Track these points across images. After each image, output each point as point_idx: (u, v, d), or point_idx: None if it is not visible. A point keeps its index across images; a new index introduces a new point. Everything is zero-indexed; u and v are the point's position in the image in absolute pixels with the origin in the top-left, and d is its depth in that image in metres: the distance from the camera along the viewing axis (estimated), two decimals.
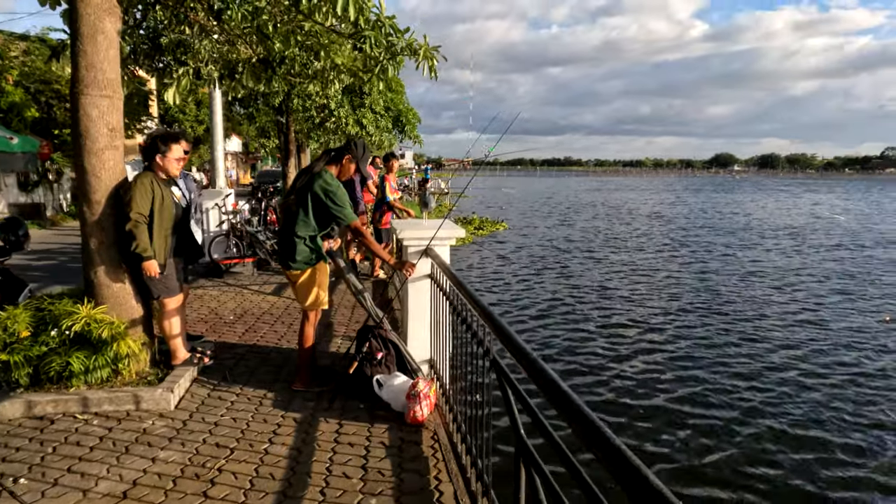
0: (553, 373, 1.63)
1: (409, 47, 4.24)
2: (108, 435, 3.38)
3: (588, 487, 1.40)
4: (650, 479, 1.06)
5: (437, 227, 4.13)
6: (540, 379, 1.65)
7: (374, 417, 3.72)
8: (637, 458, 1.15)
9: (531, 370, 1.73)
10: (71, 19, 3.82)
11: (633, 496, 1.08)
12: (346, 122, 12.44)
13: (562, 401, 1.48)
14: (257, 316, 6.15)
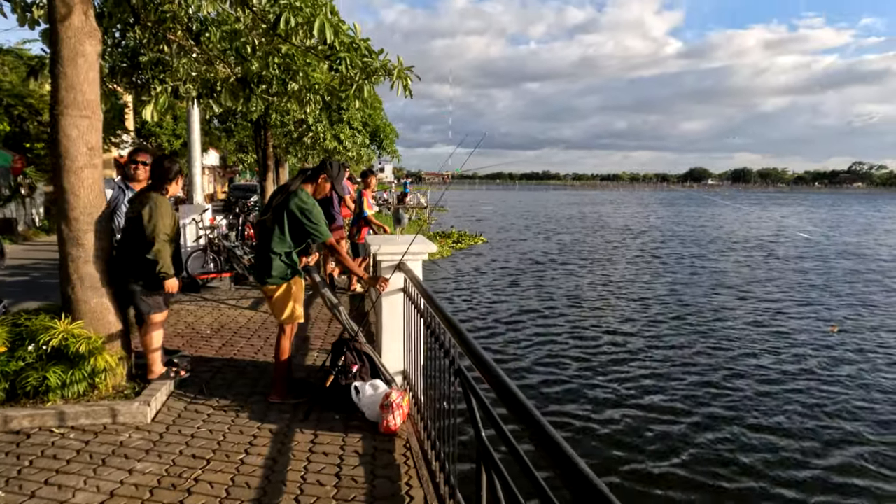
0: (507, 378, 1.79)
1: (383, 68, 4.41)
2: (84, 448, 3.44)
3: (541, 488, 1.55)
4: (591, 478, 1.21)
5: (406, 243, 4.29)
6: (495, 384, 1.81)
7: (348, 428, 3.83)
8: (582, 460, 1.31)
9: (488, 376, 1.88)
10: (52, 42, 3.91)
11: (574, 494, 1.23)
12: (324, 137, 12.56)
13: (511, 401, 1.64)
14: (234, 330, 6.21)
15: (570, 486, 1.24)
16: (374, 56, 4.38)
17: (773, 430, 6.38)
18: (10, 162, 16.12)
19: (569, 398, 7.16)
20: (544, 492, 1.53)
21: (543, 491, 1.53)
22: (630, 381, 7.78)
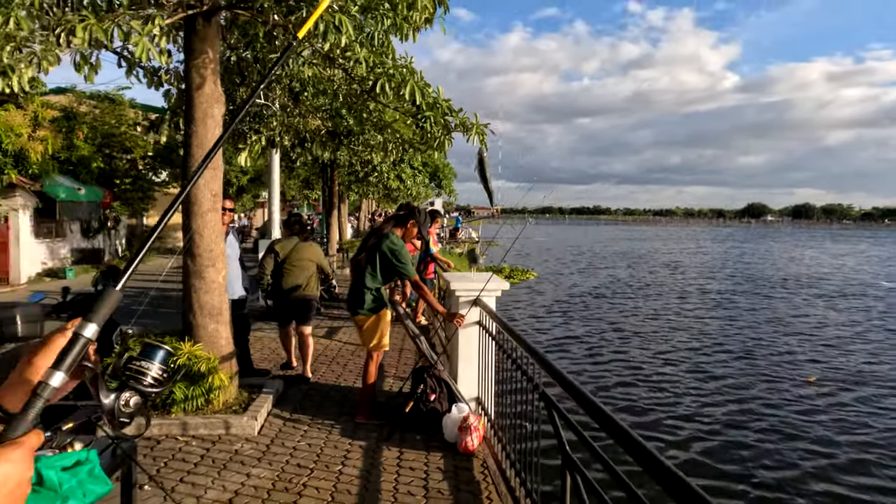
0: (592, 396, 2.19)
1: (462, 124, 4.95)
2: (207, 454, 3.98)
3: (626, 486, 1.93)
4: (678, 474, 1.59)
5: (484, 280, 4.74)
6: (586, 405, 2.20)
7: (429, 447, 4.25)
8: (665, 459, 1.70)
9: (578, 398, 2.28)
10: (186, 105, 4.63)
11: (667, 489, 1.61)
12: (388, 176, 13.32)
13: (605, 421, 2.03)
14: (314, 357, 6.75)
15: (660, 482, 1.63)
16: (455, 114, 4.93)
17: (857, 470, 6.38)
18: (101, 197, 17.64)
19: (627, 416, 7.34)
20: (628, 488, 1.91)
21: (627, 488, 1.91)
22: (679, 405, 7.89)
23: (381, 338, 4.59)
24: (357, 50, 4.50)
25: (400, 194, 15.53)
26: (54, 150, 15.05)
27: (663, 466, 1.62)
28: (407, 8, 4.27)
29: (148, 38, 3.50)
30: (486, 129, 5.00)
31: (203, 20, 4.39)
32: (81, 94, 18.27)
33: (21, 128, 13.59)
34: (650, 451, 1.72)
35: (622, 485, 1.95)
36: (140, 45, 3.41)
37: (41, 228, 15.86)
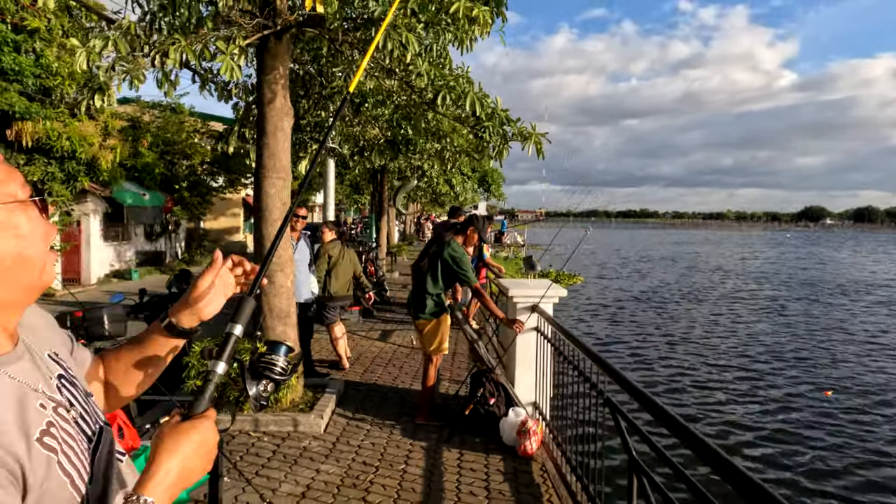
0: (657, 399, 2.26)
1: (520, 133, 5.05)
2: (278, 450, 4.20)
3: (693, 487, 2.00)
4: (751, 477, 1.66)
5: (541, 287, 4.83)
6: (656, 412, 2.27)
7: (488, 450, 4.35)
8: (738, 461, 1.76)
9: (648, 406, 2.35)
10: (258, 119, 4.89)
11: (738, 490, 1.68)
12: (437, 182, 13.50)
13: (676, 427, 2.10)
14: (370, 359, 6.97)
15: (733, 484, 1.69)
16: (513, 123, 5.03)
17: None
18: (163, 202, 18.49)
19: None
20: (696, 489, 1.97)
21: (695, 489, 1.98)
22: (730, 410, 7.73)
23: (441, 342, 4.73)
24: (419, 63, 4.66)
25: (448, 199, 15.69)
26: (122, 157, 15.89)
27: (741, 474, 1.68)
28: (468, 22, 4.40)
29: (230, 58, 3.75)
30: (544, 137, 5.07)
31: (275, 38, 4.63)
32: (146, 104, 19.22)
33: (93, 137, 14.41)
34: (725, 458, 1.78)
35: (691, 487, 2.02)
36: (225, 64, 3.66)
37: (109, 232, 16.76)
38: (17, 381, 0.80)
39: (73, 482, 0.80)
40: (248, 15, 4.36)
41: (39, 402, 0.81)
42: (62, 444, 0.80)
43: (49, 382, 0.87)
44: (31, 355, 0.87)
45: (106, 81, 3.97)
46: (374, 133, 6.55)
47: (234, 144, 6.41)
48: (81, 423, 0.89)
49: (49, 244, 0.86)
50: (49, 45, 13.16)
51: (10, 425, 0.74)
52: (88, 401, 0.95)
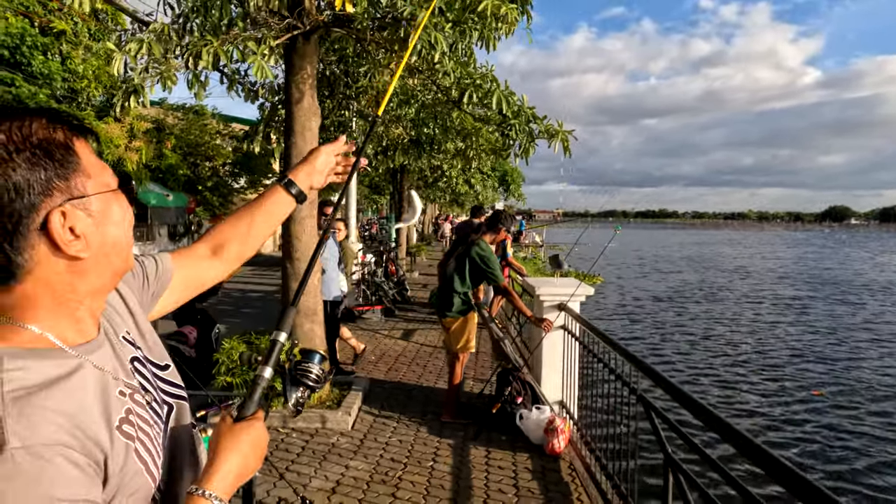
0: (692, 394, 2.24)
1: (546, 131, 5.03)
2: (307, 446, 4.24)
3: (732, 481, 1.98)
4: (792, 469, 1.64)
5: (567, 285, 4.82)
6: (691, 406, 2.26)
7: (516, 448, 4.34)
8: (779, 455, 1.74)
9: (682, 400, 2.33)
10: (286, 118, 4.94)
11: (784, 484, 1.66)
12: (457, 181, 13.51)
13: (712, 420, 2.08)
14: (394, 357, 7.00)
15: (776, 477, 1.67)
16: (539, 121, 5.02)
17: None
18: (187, 203, 18.76)
19: None
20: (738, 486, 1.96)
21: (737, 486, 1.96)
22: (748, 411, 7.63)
23: (468, 340, 4.74)
24: (445, 62, 4.67)
25: (467, 199, 15.68)
26: (146, 159, 16.16)
27: (786, 468, 1.67)
28: (495, 20, 4.40)
29: (261, 58, 3.79)
30: (571, 135, 5.05)
31: (303, 39, 4.68)
32: (170, 107, 19.51)
33: (119, 139, 14.68)
34: (768, 452, 1.77)
35: (730, 482, 2.00)
36: (257, 65, 3.71)
37: (134, 232, 16.88)
38: (102, 370, 0.83)
39: (148, 468, 0.83)
40: (278, 16, 4.41)
41: (119, 390, 0.84)
42: (138, 430, 0.83)
43: (126, 368, 0.90)
44: (110, 341, 0.90)
45: (140, 84, 4.04)
46: (398, 132, 6.58)
47: (259, 145, 6.47)
48: (155, 405, 0.92)
49: (132, 231, 0.90)
50: (76, 48, 13.43)
51: (96, 415, 0.77)
52: (158, 376, 0.99)
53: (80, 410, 0.76)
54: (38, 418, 0.70)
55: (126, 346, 0.94)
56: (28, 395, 0.72)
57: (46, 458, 0.69)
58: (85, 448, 0.73)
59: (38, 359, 0.76)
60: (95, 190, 0.81)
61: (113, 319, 0.96)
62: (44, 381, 0.74)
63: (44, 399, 0.72)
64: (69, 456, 0.71)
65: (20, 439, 0.68)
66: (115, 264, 0.86)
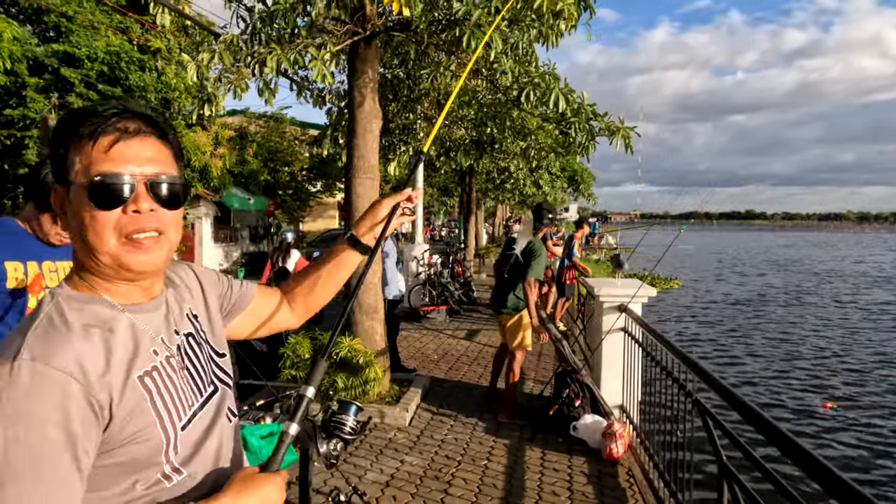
0: (760, 409, 2.12)
1: (607, 128, 4.92)
2: (364, 439, 4.35)
3: (790, 495, 1.86)
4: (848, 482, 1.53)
5: (628, 286, 4.69)
6: (747, 414, 2.14)
7: (572, 451, 4.27)
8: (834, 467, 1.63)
9: (739, 407, 2.22)
10: (348, 122, 5.10)
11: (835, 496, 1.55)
12: (524, 182, 13.41)
13: (766, 427, 1.97)
14: (456, 357, 7.05)
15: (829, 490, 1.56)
16: (600, 118, 4.92)
17: None
18: (266, 206, 19.70)
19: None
20: (792, 497, 1.84)
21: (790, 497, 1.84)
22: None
23: (524, 338, 4.71)
24: (503, 61, 4.67)
25: (535, 200, 15.53)
26: (230, 165, 17.13)
27: (839, 479, 1.55)
28: (553, 17, 4.35)
29: (322, 63, 3.94)
30: (632, 131, 4.91)
31: (364, 44, 4.82)
32: (252, 115, 20.59)
33: (205, 146, 15.65)
34: (823, 464, 1.65)
35: (785, 494, 1.88)
36: (317, 69, 3.86)
37: (219, 234, 18.11)
38: (139, 327, 0.93)
39: (163, 423, 0.90)
40: (340, 23, 4.57)
41: (153, 349, 0.94)
42: (159, 387, 0.91)
43: (172, 336, 1.00)
44: (167, 311, 1.01)
45: (213, 92, 4.30)
46: (460, 133, 6.63)
47: (328, 148, 6.71)
48: (198, 379, 1.01)
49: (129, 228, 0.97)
50: (169, 63, 14.44)
51: (116, 360, 0.86)
52: (213, 360, 1.09)
53: (97, 353, 0.84)
54: (57, 346, 0.81)
55: (185, 321, 1.05)
56: (59, 326, 0.84)
57: (47, 379, 0.77)
58: (88, 385, 0.80)
59: (87, 303, 0.90)
60: (71, 180, 0.89)
61: (183, 297, 1.08)
62: (75, 320, 0.86)
63: (69, 333, 0.83)
64: (67, 385, 0.78)
65: (32, 355, 0.78)
66: (95, 258, 0.90)
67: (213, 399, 1.04)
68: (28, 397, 0.76)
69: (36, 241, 1.92)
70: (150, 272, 0.95)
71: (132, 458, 0.87)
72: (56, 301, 0.88)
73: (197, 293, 1.13)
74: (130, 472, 0.87)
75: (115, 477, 0.86)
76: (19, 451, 0.74)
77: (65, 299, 0.89)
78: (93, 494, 0.84)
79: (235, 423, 1.11)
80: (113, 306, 0.92)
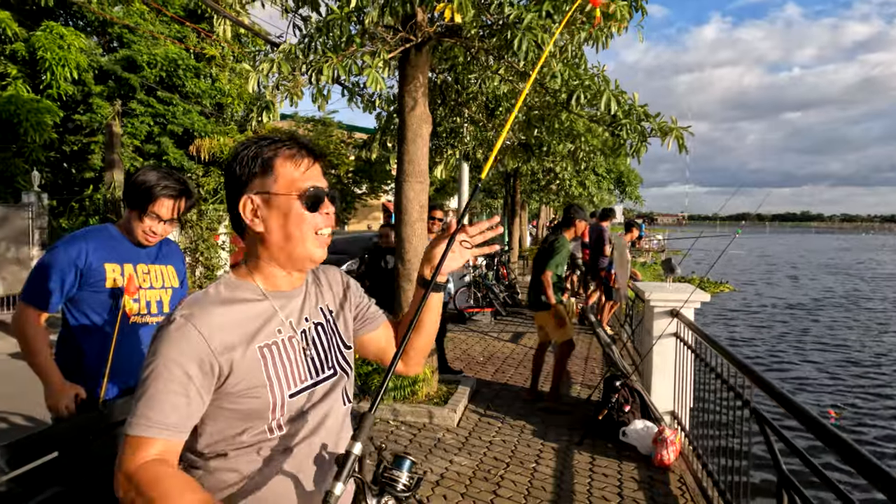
0: (821, 418, 2.08)
1: (660, 129, 4.86)
2: (414, 439, 4.43)
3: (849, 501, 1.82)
4: None
5: (680, 291, 4.62)
6: (809, 423, 2.10)
7: (621, 456, 4.23)
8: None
9: (800, 416, 2.18)
10: (399, 127, 5.20)
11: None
12: (570, 184, 13.29)
13: (826, 435, 1.93)
14: (502, 359, 7.07)
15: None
16: (651, 119, 4.86)
17: None
18: None
19: None
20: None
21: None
22: None
23: (564, 326, 4.82)
24: (553, 64, 4.67)
25: (581, 202, 15.36)
26: None
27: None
28: (605, 18, 4.33)
29: (375, 70, 4.05)
30: (686, 131, 4.84)
31: (415, 50, 4.90)
32: (301, 119, 21.09)
33: None
34: (888, 473, 1.62)
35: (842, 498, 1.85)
36: (371, 77, 3.97)
37: None
38: (273, 308, 1.17)
39: (272, 386, 1.12)
40: (392, 30, 4.66)
41: (278, 328, 1.17)
42: (275, 357, 1.14)
43: (301, 321, 1.22)
44: (303, 300, 1.24)
45: (271, 100, 4.46)
46: (508, 136, 6.65)
47: (377, 152, 6.84)
48: (316, 359, 1.22)
49: (318, 228, 1.21)
50: (223, 70, 14.97)
51: (243, 330, 1.11)
52: (340, 350, 1.29)
53: (230, 323, 1.10)
54: (202, 311, 1.09)
55: (318, 313, 1.27)
56: (211, 297, 1.13)
57: (185, 332, 1.06)
58: (212, 342, 1.06)
59: (239, 286, 1.17)
60: (277, 191, 1.14)
61: (322, 293, 1.32)
62: (224, 297, 1.14)
63: (214, 305, 1.11)
64: (196, 340, 1.05)
65: (183, 315, 1.08)
66: (288, 248, 1.16)
67: (331, 381, 1.24)
68: (168, 343, 1.05)
69: (132, 247, 2.10)
70: (319, 262, 1.20)
71: (247, 409, 1.10)
72: (218, 281, 1.18)
73: (338, 293, 1.35)
74: (244, 420, 1.11)
75: (231, 421, 1.11)
76: (153, 374, 1.03)
77: (224, 281, 1.18)
78: (214, 429, 1.11)
79: (348, 407, 1.31)
80: (257, 290, 1.17)
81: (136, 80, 12.80)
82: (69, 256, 1.98)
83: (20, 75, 11.24)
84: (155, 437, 1.01)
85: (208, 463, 1.13)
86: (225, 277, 1.19)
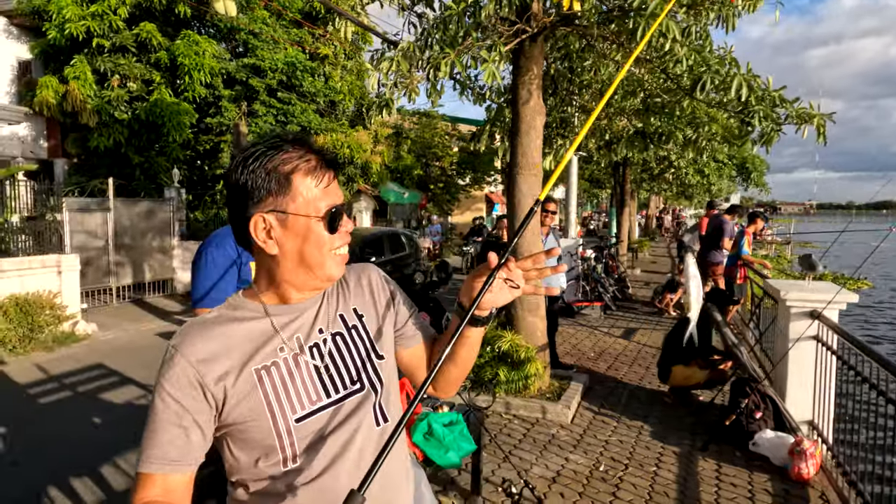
0: None
1: (797, 116, 4.45)
2: (528, 434, 4.42)
3: None
4: None
5: (821, 290, 4.23)
6: None
7: (751, 466, 3.96)
8: None
9: None
10: (512, 119, 5.16)
11: None
12: (686, 172, 12.56)
13: None
14: (614, 356, 6.85)
15: None
16: (788, 104, 4.46)
17: None
18: (419, 200, 20.61)
19: None
20: None
21: None
22: None
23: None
24: (677, 49, 4.42)
25: (697, 190, 14.48)
26: (387, 160, 18.17)
27: None
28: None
29: (492, 64, 4.04)
30: (829, 118, 4.40)
31: (530, 41, 4.83)
32: (407, 113, 21.62)
33: (366, 144, 16.75)
34: None
35: None
36: (488, 71, 3.96)
37: (376, 226, 19.32)
38: (274, 327, 1.09)
39: (271, 409, 1.04)
40: (507, 22, 4.62)
41: (280, 346, 1.08)
42: (274, 380, 1.06)
43: (312, 335, 1.12)
44: (317, 312, 1.14)
45: (390, 98, 4.59)
46: (623, 124, 6.40)
47: (485, 143, 6.84)
48: (336, 375, 1.11)
49: (336, 248, 1.12)
50: (335, 68, 15.65)
51: (236, 354, 1.05)
52: (370, 360, 1.15)
53: (221, 347, 1.04)
54: (191, 339, 1.04)
55: (338, 321, 1.16)
56: (203, 325, 1.06)
57: (175, 361, 1.02)
58: (202, 371, 1.01)
59: (239, 307, 1.10)
60: (296, 211, 1.04)
61: (349, 296, 1.20)
62: (221, 319, 1.08)
63: (206, 330, 1.06)
64: (185, 369, 1.02)
65: (174, 345, 1.05)
66: (305, 271, 1.08)
67: (355, 397, 1.11)
68: (162, 374, 1.03)
69: None
70: (336, 279, 1.13)
71: (250, 437, 1.05)
72: (226, 301, 1.13)
73: (376, 296, 1.22)
74: (254, 449, 1.05)
75: (243, 451, 1.06)
76: (151, 408, 1.02)
77: (230, 300, 1.12)
78: (231, 459, 1.08)
79: (385, 427, 1.14)
80: (258, 308, 1.10)
81: (259, 84, 13.73)
82: (227, 255, 2.14)
83: (163, 81, 12.42)
84: (155, 472, 0.99)
85: (235, 492, 1.11)
86: (232, 296, 1.13)
